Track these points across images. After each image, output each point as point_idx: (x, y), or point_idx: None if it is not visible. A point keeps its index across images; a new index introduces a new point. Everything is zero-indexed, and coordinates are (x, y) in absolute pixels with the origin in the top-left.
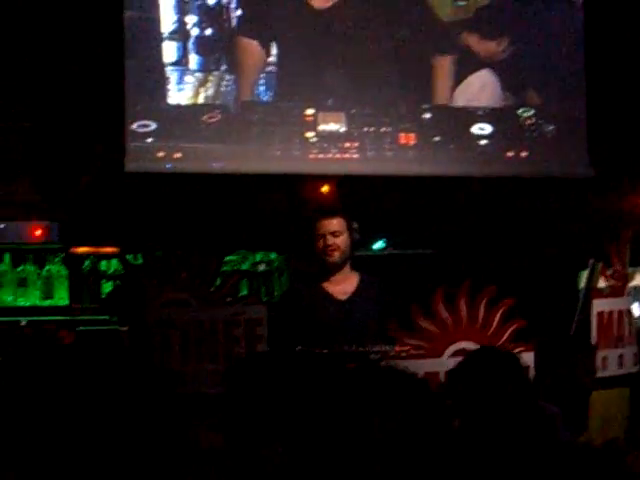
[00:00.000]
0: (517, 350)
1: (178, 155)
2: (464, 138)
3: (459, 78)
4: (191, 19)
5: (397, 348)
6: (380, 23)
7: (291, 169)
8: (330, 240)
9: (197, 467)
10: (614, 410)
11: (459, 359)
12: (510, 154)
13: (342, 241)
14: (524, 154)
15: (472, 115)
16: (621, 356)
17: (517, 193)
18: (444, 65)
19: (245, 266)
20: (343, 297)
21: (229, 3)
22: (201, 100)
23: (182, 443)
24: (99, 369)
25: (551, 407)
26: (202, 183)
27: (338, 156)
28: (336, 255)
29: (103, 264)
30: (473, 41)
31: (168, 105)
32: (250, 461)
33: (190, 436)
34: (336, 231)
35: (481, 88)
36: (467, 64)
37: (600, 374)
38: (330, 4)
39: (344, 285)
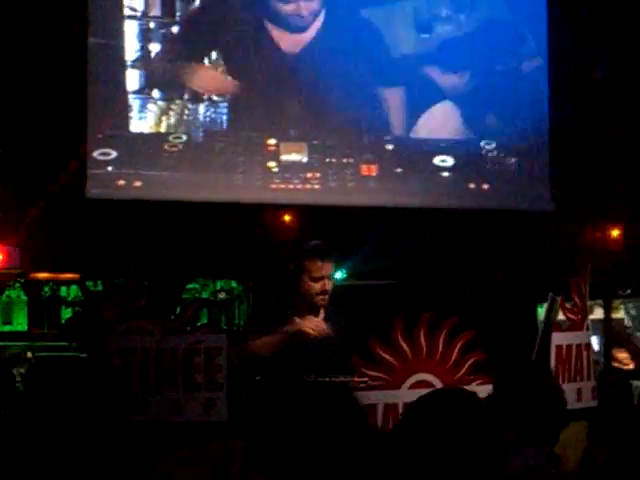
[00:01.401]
0: (476, 382)
1: (138, 184)
2: (426, 170)
3: (420, 110)
4: (155, 47)
5: (356, 379)
6: (344, 61)
7: (253, 198)
8: (328, 285)
9: None
10: (572, 444)
11: (418, 391)
12: (471, 186)
13: (332, 284)
14: (485, 186)
15: (434, 147)
16: (579, 390)
17: (478, 225)
18: (396, 98)
19: (205, 294)
20: (314, 332)
21: (194, 32)
22: (163, 129)
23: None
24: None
25: None
26: (163, 211)
27: (300, 186)
28: (326, 300)
29: (63, 290)
30: (435, 73)
31: (130, 133)
32: None
33: (160, 470)
34: (330, 274)
35: (443, 120)
36: (428, 96)
37: None
38: (298, 50)
39: (314, 321)
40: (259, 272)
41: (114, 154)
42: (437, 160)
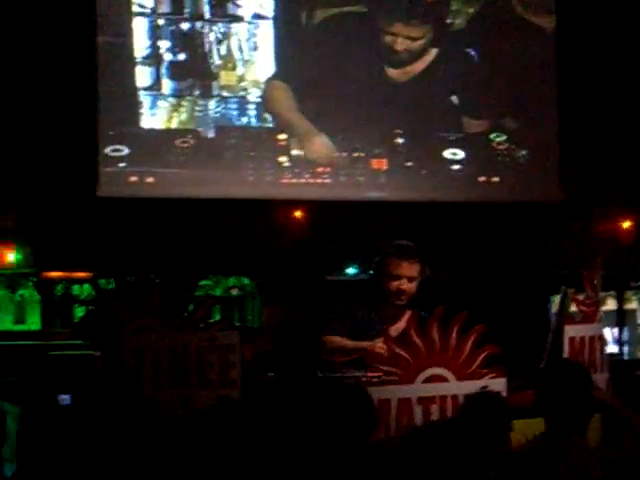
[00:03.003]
0: (489, 376)
1: (150, 180)
2: (436, 163)
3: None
4: (164, 44)
5: (369, 374)
6: None
7: (264, 194)
8: (405, 285)
9: None
10: (589, 436)
11: (431, 385)
12: (482, 179)
13: (414, 287)
14: (496, 179)
15: (444, 140)
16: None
17: (489, 218)
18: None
19: (218, 291)
20: (394, 334)
21: (202, 28)
22: (174, 125)
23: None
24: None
25: None
26: (175, 208)
27: (311, 181)
28: (404, 300)
29: (75, 289)
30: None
31: (141, 130)
32: None
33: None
34: (413, 277)
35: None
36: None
37: None
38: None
39: (398, 322)
40: (271, 268)
41: (126, 150)
42: (447, 153)
